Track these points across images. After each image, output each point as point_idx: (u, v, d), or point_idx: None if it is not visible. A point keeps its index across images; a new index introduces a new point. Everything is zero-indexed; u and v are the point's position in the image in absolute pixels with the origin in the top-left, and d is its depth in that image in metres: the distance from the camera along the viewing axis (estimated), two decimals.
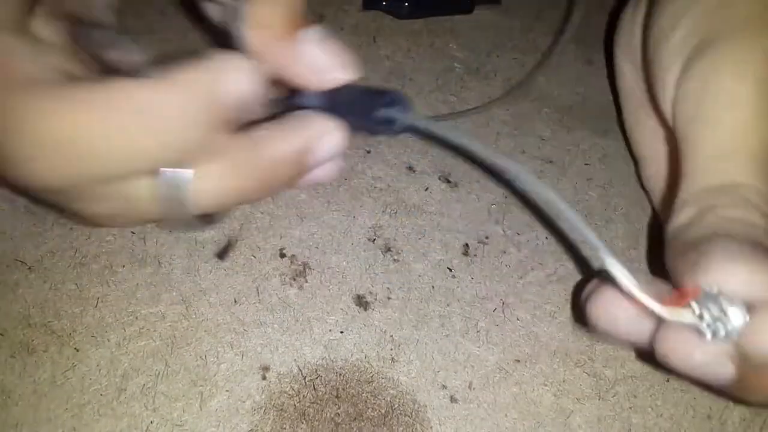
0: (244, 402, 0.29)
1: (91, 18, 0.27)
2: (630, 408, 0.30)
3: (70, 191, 0.22)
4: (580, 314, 0.23)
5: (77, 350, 0.29)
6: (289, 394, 0.29)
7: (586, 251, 0.34)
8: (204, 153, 0.22)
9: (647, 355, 0.24)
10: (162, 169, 0.22)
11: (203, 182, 0.23)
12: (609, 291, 0.23)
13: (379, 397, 0.29)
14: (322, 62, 0.23)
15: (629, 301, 0.21)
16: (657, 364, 0.24)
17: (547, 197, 0.21)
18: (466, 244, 0.35)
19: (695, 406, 0.31)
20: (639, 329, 0.23)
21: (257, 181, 0.24)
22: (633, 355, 0.32)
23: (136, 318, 0.30)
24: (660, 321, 0.22)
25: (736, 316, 0.20)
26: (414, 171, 0.37)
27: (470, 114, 0.40)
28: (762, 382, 0.22)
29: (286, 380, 0.29)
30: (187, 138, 0.21)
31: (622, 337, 0.24)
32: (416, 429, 0.29)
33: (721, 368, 0.21)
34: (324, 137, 0.25)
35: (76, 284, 0.31)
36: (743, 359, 0.21)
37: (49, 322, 0.30)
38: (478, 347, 0.31)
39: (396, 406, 0.29)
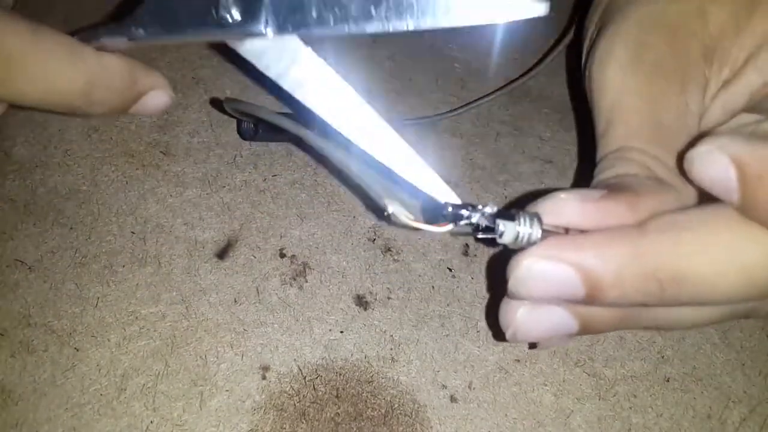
0: (244, 402, 0.29)
1: None
2: (630, 408, 0.30)
3: None
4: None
5: (77, 350, 0.29)
6: (289, 394, 0.29)
7: None
8: None
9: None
10: None
11: None
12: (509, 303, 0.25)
13: (379, 396, 0.29)
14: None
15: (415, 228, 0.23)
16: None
17: (335, 157, 0.23)
18: (466, 244, 0.35)
19: (695, 406, 0.31)
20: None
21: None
22: (633, 354, 0.32)
23: (136, 318, 0.30)
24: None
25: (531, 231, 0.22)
26: None
27: (444, 117, 0.40)
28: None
29: (286, 380, 0.29)
30: None
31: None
32: (416, 429, 0.29)
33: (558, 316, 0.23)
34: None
35: (76, 284, 0.31)
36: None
37: (49, 321, 0.30)
38: (478, 347, 0.31)
39: (396, 405, 0.29)
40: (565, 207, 0.22)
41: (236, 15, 0.23)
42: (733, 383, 0.31)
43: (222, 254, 0.33)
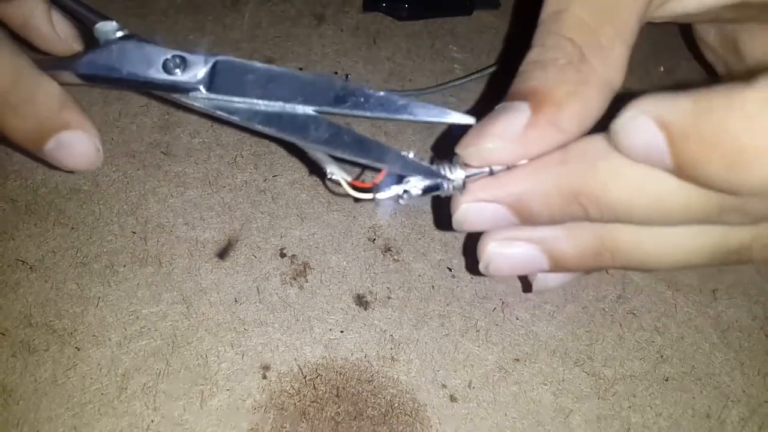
0: (244, 401, 0.29)
1: None
2: (629, 407, 0.30)
3: None
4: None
5: (78, 349, 0.29)
6: (290, 393, 0.29)
7: None
8: None
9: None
10: None
11: None
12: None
13: (379, 396, 0.30)
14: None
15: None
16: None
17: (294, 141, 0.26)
18: (467, 244, 0.35)
19: (694, 406, 0.31)
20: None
21: None
22: (632, 354, 0.32)
23: (137, 317, 0.30)
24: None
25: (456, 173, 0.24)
26: None
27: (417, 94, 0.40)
28: None
29: (287, 379, 0.30)
30: None
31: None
32: (416, 428, 0.29)
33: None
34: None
35: (77, 284, 0.31)
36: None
37: (50, 321, 0.30)
38: (478, 346, 0.32)
39: (396, 405, 0.29)
40: (493, 155, 0.23)
41: (179, 71, 0.26)
42: (731, 383, 0.32)
43: (222, 254, 0.33)
